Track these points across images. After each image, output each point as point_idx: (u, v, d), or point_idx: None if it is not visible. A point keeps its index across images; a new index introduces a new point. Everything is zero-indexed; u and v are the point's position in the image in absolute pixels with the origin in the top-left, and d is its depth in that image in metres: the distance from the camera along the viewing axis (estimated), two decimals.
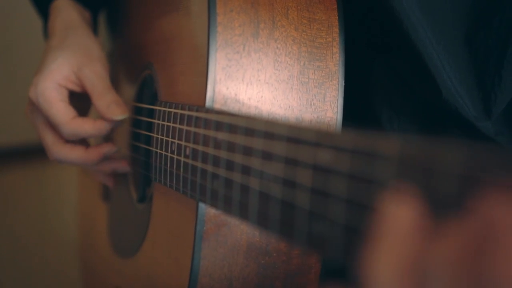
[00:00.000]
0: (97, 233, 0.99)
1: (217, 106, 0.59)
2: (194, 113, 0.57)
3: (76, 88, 0.76)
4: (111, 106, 0.73)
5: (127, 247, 0.82)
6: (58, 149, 0.76)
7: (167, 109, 0.65)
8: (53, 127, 0.75)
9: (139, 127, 0.78)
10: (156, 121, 0.69)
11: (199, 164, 0.55)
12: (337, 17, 0.63)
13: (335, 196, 0.35)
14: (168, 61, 0.70)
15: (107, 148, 0.76)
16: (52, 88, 0.74)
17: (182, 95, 0.65)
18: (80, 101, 0.78)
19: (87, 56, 0.76)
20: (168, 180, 0.63)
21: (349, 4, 0.65)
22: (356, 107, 0.69)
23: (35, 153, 0.80)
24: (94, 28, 0.89)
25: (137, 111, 0.81)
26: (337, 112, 0.62)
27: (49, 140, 0.76)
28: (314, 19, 0.62)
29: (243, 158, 0.46)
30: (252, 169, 0.45)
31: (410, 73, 0.67)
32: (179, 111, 0.61)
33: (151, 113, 0.73)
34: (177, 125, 0.61)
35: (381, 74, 0.70)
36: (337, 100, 0.62)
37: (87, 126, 0.73)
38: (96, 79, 0.75)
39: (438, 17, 0.62)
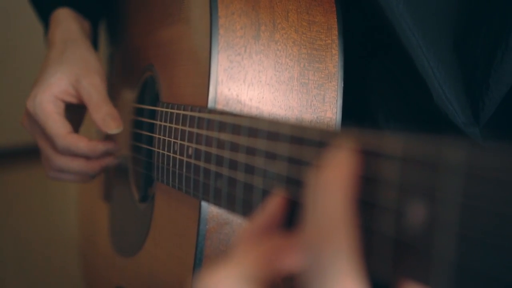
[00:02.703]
0: (99, 232, 0.99)
1: (219, 107, 0.60)
2: (196, 114, 0.58)
3: (74, 100, 0.77)
4: (107, 119, 0.74)
5: (129, 246, 0.82)
6: (59, 160, 0.76)
7: (169, 110, 0.66)
8: (48, 139, 0.76)
9: (141, 128, 0.79)
10: (158, 122, 0.70)
11: (201, 164, 0.56)
12: (336, 19, 0.64)
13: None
14: (170, 63, 0.71)
15: (109, 160, 0.78)
16: (49, 100, 0.75)
17: (184, 96, 0.66)
18: (75, 113, 0.79)
19: (85, 68, 0.78)
20: (170, 179, 0.64)
21: (346, 8, 0.66)
22: (354, 107, 0.70)
23: (38, 153, 0.81)
24: (94, 37, 0.90)
25: (139, 112, 0.82)
26: (336, 112, 0.63)
27: (49, 150, 0.77)
28: (313, 21, 0.63)
29: (247, 157, 0.47)
30: (255, 168, 0.46)
31: (404, 77, 0.68)
32: (182, 112, 0.62)
33: (152, 114, 0.74)
34: (179, 126, 0.62)
35: (377, 76, 0.71)
36: (336, 101, 0.63)
37: (81, 144, 0.74)
38: (93, 91, 0.76)
39: (428, 25, 0.64)
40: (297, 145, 0.41)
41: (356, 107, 0.72)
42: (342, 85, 0.63)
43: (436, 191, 0.30)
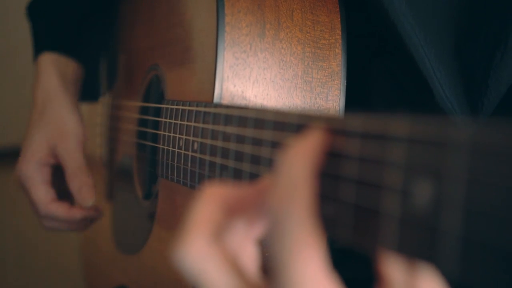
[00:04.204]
0: (101, 231, 1.00)
1: (224, 102, 0.61)
2: (202, 109, 0.59)
3: (57, 162, 0.81)
4: (82, 190, 0.78)
5: (132, 243, 0.83)
6: (46, 221, 0.82)
7: (175, 107, 0.67)
8: (33, 204, 0.81)
9: (145, 126, 0.80)
10: (163, 119, 0.71)
11: (207, 157, 0.57)
12: (339, 19, 0.66)
13: (345, 177, 0.37)
14: (176, 62, 0.73)
15: (94, 218, 0.83)
16: (33, 169, 0.79)
17: (189, 93, 0.67)
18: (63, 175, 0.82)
19: (61, 132, 0.81)
20: (175, 175, 0.65)
21: (348, 8, 0.67)
22: (354, 106, 0.71)
23: None
24: (86, 71, 0.90)
25: (144, 110, 0.83)
26: (339, 110, 0.64)
27: (38, 214, 0.82)
28: (317, 21, 0.65)
29: (253, 148, 0.48)
30: (261, 158, 0.47)
31: (405, 77, 0.69)
32: (187, 108, 0.63)
33: (158, 112, 0.75)
34: (185, 122, 0.63)
35: (378, 75, 0.73)
36: (339, 99, 0.64)
37: (60, 211, 0.79)
38: (68, 158, 0.79)
39: (429, 26, 0.65)
40: (302, 133, 0.42)
41: (357, 106, 0.73)
42: (345, 83, 0.64)
43: (441, 169, 0.30)
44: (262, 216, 0.38)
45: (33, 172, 0.79)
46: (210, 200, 0.38)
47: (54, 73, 0.85)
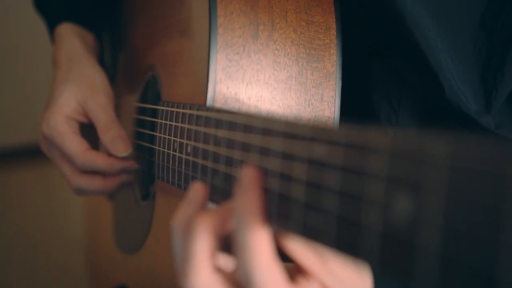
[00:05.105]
0: (103, 230, 1.01)
1: (218, 105, 0.60)
2: (195, 112, 0.59)
3: (85, 120, 0.79)
4: (115, 141, 0.75)
5: (131, 243, 0.83)
6: (77, 180, 0.78)
7: (169, 109, 0.67)
8: (68, 158, 0.77)
9: (143, 127, 0.80)
10: (159, 120, 0.71)
11: (199, 161, 0.56)
12: (334, 19, 0.65)
13: (329, 188, 0.37)
14: (171, 63, 0.72)
15: (125, 177, 0.79)
16: (63, 121, 0.77)
17: (184, 95, 0.67)
18: (91, 131, 0.80)
19: (91, 87, 0.79)
20: (170, 177, 0.65)
21: (348, 6, 0.66)
22: (356, 104, 0.71)
23: (41, 152, 0.83)
24: (100, 48, 0.91)
25: (141, 111, 0.83)
26: (334, 111, 0.64)
27: (67, 171, 0.79)
28: (312, 21, 0.64)
29: (242, 154, 0.48)
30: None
31: (411, 72, 0.68)
32: (181, 110, 0.63)
33: (154, 113, 0.75)
34: (179, 124, 0.63)
35: (380, 72, 0.72)
36: (335, 100, 0.64)
37: (99, 160, 0.76)
38: (100, 112, 0.77)
39: (443, 15, 0.64)
40: (290, 141, 0.42)
41: (358, 104, 0.73)
42: (341, 84, 0.64)
43: (421, 184, 0.30)
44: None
45: (63, 126, 0.77)
46: (207, 232, 0.44)
47: (75, 37, 0.85)
